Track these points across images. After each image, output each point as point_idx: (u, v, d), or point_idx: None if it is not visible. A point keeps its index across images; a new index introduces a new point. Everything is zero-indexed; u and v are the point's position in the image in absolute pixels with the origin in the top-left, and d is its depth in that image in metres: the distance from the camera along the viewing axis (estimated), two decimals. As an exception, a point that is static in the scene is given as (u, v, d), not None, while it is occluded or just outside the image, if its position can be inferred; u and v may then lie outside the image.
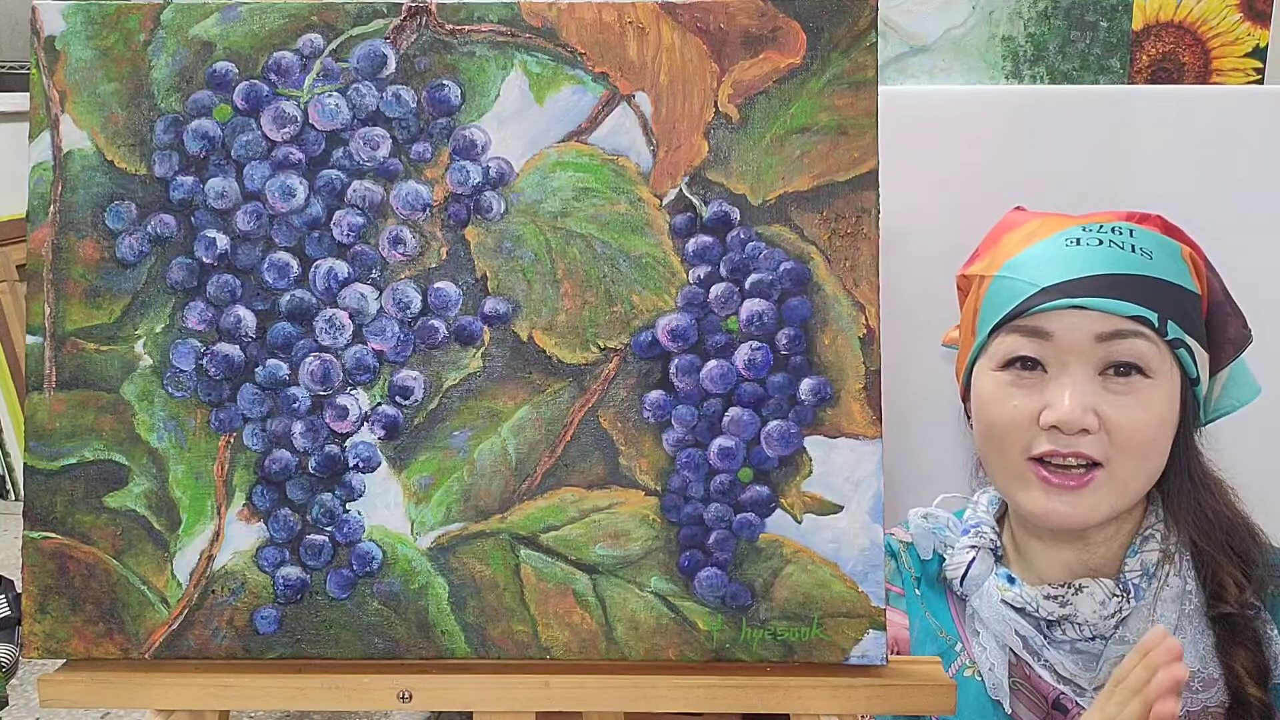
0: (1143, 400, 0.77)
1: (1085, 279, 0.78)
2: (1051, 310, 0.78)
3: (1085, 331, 0.77)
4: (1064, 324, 0.78)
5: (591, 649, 0.66)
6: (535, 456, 0.67)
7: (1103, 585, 0.79)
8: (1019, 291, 0.80)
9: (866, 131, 0.66)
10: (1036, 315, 0.78)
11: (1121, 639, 0.79)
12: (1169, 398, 0.78)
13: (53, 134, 0.67)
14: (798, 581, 0.66)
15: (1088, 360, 0.77)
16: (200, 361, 0.67)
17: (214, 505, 0.67)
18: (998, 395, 0.81)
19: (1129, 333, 0.77)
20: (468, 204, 0.67)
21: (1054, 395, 0.77)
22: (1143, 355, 0.77)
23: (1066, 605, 0.79)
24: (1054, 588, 0.81)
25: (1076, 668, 0.79)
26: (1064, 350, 0.78)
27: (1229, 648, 0.79)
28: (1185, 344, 0.78)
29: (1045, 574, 0.84)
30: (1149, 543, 0.81)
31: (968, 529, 0.87)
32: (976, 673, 0.83)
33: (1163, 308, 0.77)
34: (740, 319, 0.66)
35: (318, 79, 0.67)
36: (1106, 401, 0.77)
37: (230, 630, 0.67)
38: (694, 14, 0.66)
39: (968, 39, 1.13)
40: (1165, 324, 0.77)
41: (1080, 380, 0.77)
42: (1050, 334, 0.78)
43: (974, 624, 0.85)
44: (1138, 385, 0.77)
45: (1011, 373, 0.80)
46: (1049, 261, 0.80)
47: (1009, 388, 0.80)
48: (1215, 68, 1.13)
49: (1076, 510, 0.78)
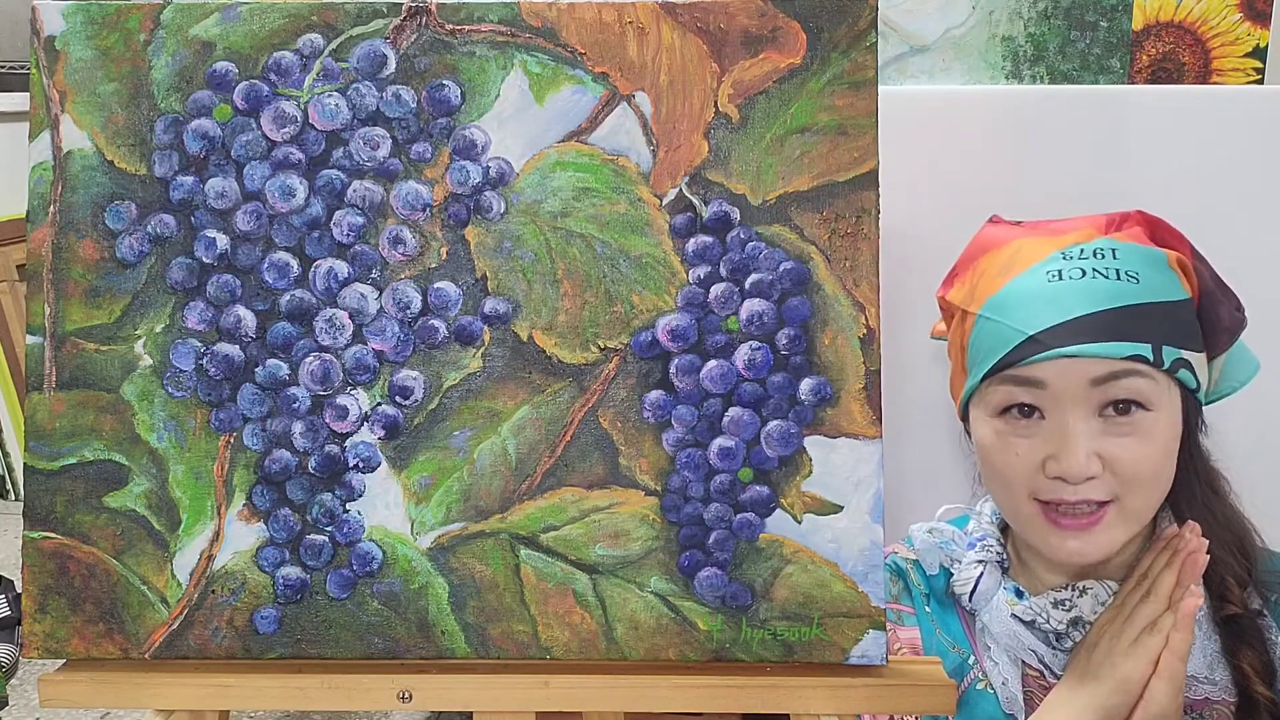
0: (1145, 435, 0.76)
1: (1073, 321, 0.75)
2: (1042, 360, 0.76)
3: (1080, 377, 0.75)
4: (1057, 371, 0.76)
5: (591, 649, 0.66)
6: (535, 456, 0.67)
7: (1106, 586, 0.79)
8: (1007, 338, 0.77)
9: (866, 131, 0.66)
10: (1028, 365, 0.77)
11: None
12: (1171, 423, 0.77)
13: (53, 134, 0.67)
14: (798, 581, 0.66)
15: (1085, 403, 0.76)
16: (200, 361, 0.67)
17: (214, 505, 0.67)
18: (999, 444, 0.79)
19: (1124, 372, 0.75)
20: (468, 204, 0.67)
21: (1056, 446, 0.76)
22: (1141, 391, 0.75)
23: (1073, 608, 0.79)
24: (1060, 591, 0.80)
25: None
26: (1060, 397, 0.76)
27: (1236, 648, 0.78)
28: (1184, 361, 0.76)
29: (1051, 581, 0.84)
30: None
31: (973, 543, 0.86)
32: (990, 686, 0.83)
33: (1156, 336, 0.75)
34: (740, 319, 0.66)
35: (318, 79, 0.67)
36: (1109, 443, 0.75)
37: (230, 630, 0.67)
38: (694, 14, 0.66)
39: (968, 39, 1.13)
40: (1160, 352, 0.75)
41: (1080, 428, 0.75)
42: (1044, 382, 0.76)
43: (985, 638, 0.84)
44: (1139, 420, 0.76)
45: (1008, 420, 0.79)
46: (1034, 302, 0.77)
47: (1009, 437, 0.79)
48: (1215, 68, 1.13)
49: (1090, 547, 0.77)
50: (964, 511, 0.92)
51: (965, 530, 0.89)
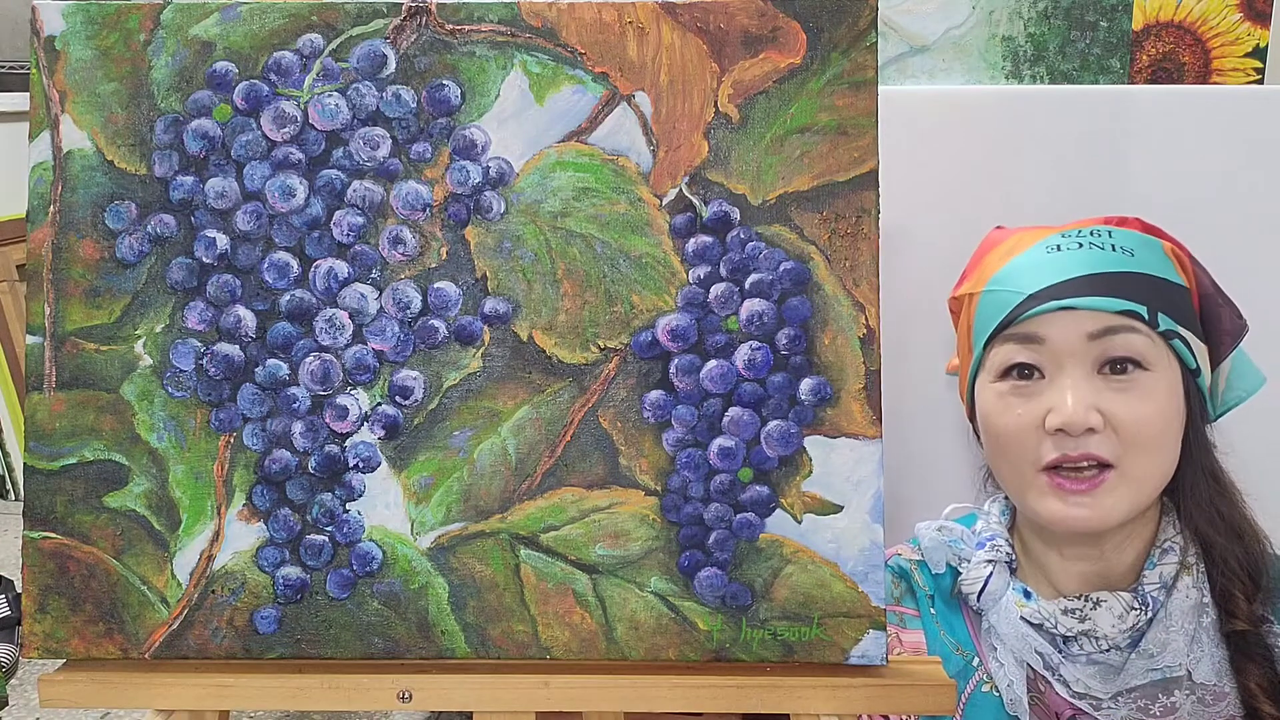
0: (1144, 393, 0.77)
1: (1071, 280, 0.78)
2: (1041, 314, 0.78)
3: (1077, 331, 0.77)
4: (1056, 326, 0.78)
5: (591, 649, 0.66)
6: (535, 456, 0.67)
7: (1120, 599, 0.79)
8: (1007, 301, 0.80)
9: (866, 131, 0.66)
10: (1027, 321, 0.79)
11: (1144, 652, 0.78)
12: (1170, 389, 0.78)
13: (53, 134, 0.67)
14: (798, 581, 0.66)
15: (1084, 360, 0.77)
16: (200, 361, 0.67)
17: (214, 505, 0.67)
18: (1000, 406, 0.80)
19: (1121, 328, 0.77)
20: (468, 204, 0.67)
21: (1055, 398, 0.77)
22: (1137, 349, 0.77)
23: (1085, 620, 0.79)
24: (1071, 601, 0.80)
25: (1094, 680, 0.79)
26: (1059, 353, 0.78)
27: (1242, 664, 0.78)
28: (1179, 335, 0.78)
29: (1061, 585, 0.83)
30: (1168, 555, 0.80)
31: (983, 542, 0.86)
32: (994, 688, 0.82)
33: (1151, 301, 0.77)
34: (740, 319, 0.66)
35: (318, 79, 0.67)
36: (1108, 399, 0.76)
37: (230, 630, 0.67)
38: (694, 14, 0.66)
39: (968, 39, 1.13)
40: (1156, 316, 0.77)
41: (1079, 380, 0.77)
42: (1043, 338, 0.78)
43: (990, 639, 0.84)
44: (1137, 379, 0.77)
45: (1010, 382, 0.80)
46: (1033, 269, 0.80)
47: (1010, 397, 0.80)
48: (1215, 68, 1.13)
49: (1094, 513, 0.77)
50: (971, 510, 0.92)
51: (973, 529, 0.89)
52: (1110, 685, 0.79)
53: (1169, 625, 0.78)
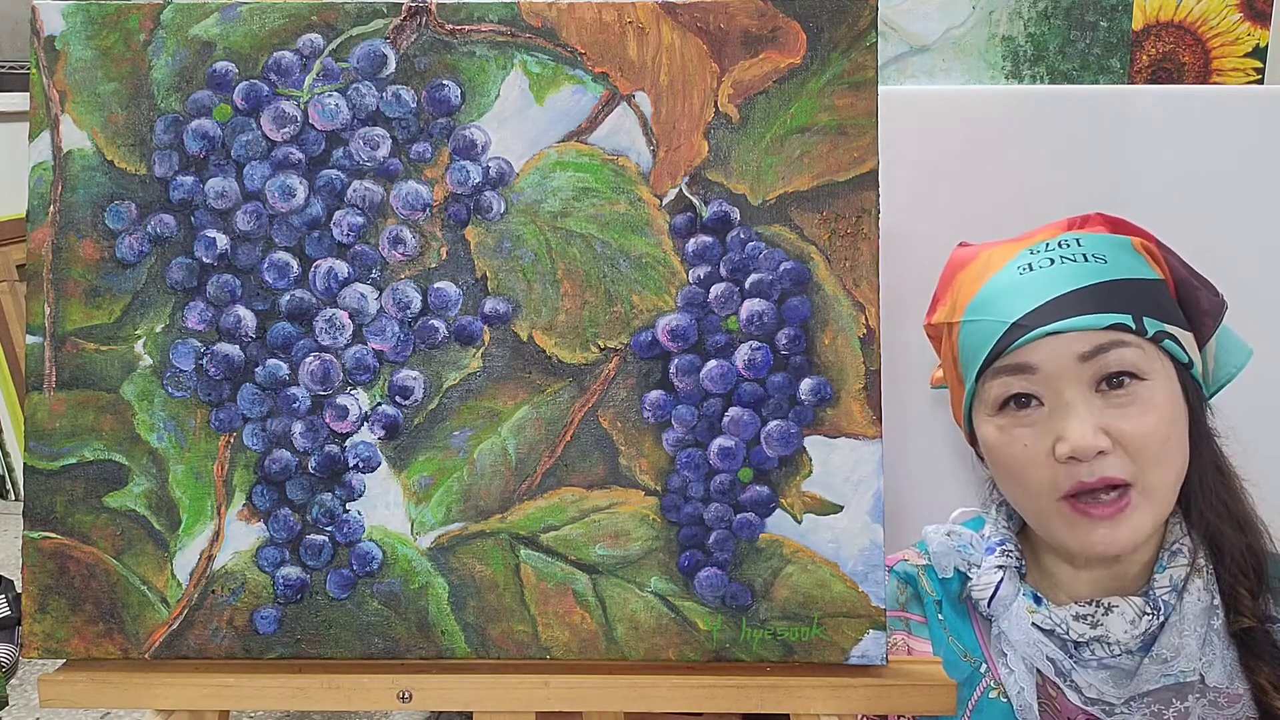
0: (1145, 405, 0.76)
1: (1050, 302, 0.77)
2: (1029, 343, 0.77)
3: (1068, 354, 0.76)
4: (1045, 353, 0.76)
5: (591, 649, 0.66)
6: (535, 456, 0.67)
7: (1132, 604, 0.78)
8: (990, 332, 0.79)
9: (866, 131, 0.66)
10: (1016, 351, 0.77)
11: (1157, 656, 0.78)
12: (1169, 393, 0.77)
13: (53, 134, 0.67)
14: (798, 581, 0.66)
15: (1079, 381, 0.76)
16: (200, 361, 0.67)
17: (214, 505, 0.67)
18: (1004, 439, 0.79)
19: (1111, 344, 0.75)
20: (468, 204, 0.67)
21: (1060, 426, 0.76)
22: (1130, 361, 0.76)
23: (1098, 626, 0.78)
24: (1083, 607, 0.80)
25: (1106, 685, 0.78)
26: (1053, 378, 0.76)
27: (1251, 662, 0.78)
28: (1167, 334, 0.77)
29: (1071, 590, 0.83)
30: (1177, 558, 0.80)
31: (992, 547, 0.86)
32: (1003, 695, 0.82)
33: (1134, 307, 0.76)
34: (740, 319, 0.66)
35: (318, 79, 0.67)
36: (1111, 416, 0.75)
37: (230, 630, 0.67)
38: (694, 14, 0.66)
39: (968, 39, 1.13)
40: (1142, 322, 0.76)
41: (1080, 404, 0.76)
42: (1035, 366, 0.77)
43: (1000, 645, 0.83)
44: (1136, 391, 0.76)
45: (1009, 414, 0.79)
46: (1009, 294, 0.79)
47: (1013, 429, 0.79)
48: (1215, 68, 1.13)
49: (1120, 535, 0.76)
50: (978, 514, 0.91)
51: (981, 534, 0.88)
52: (1123, 690, 0.78)
53: (1182, 629, 0.78)
